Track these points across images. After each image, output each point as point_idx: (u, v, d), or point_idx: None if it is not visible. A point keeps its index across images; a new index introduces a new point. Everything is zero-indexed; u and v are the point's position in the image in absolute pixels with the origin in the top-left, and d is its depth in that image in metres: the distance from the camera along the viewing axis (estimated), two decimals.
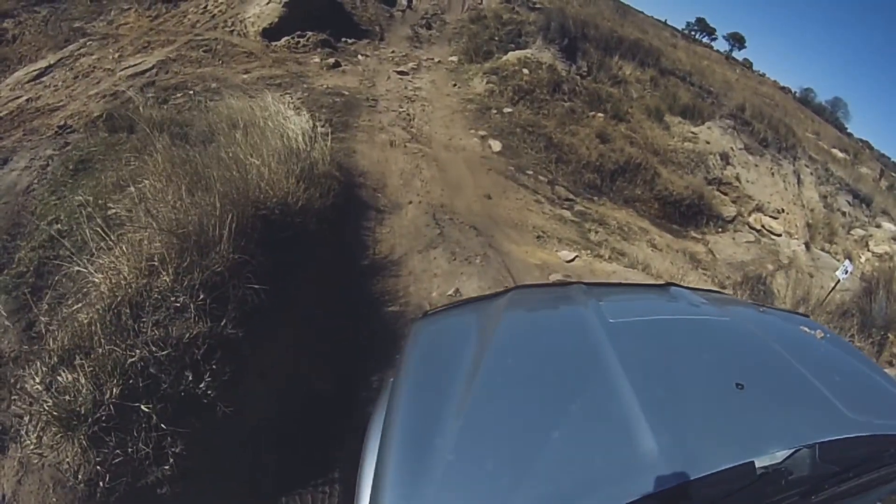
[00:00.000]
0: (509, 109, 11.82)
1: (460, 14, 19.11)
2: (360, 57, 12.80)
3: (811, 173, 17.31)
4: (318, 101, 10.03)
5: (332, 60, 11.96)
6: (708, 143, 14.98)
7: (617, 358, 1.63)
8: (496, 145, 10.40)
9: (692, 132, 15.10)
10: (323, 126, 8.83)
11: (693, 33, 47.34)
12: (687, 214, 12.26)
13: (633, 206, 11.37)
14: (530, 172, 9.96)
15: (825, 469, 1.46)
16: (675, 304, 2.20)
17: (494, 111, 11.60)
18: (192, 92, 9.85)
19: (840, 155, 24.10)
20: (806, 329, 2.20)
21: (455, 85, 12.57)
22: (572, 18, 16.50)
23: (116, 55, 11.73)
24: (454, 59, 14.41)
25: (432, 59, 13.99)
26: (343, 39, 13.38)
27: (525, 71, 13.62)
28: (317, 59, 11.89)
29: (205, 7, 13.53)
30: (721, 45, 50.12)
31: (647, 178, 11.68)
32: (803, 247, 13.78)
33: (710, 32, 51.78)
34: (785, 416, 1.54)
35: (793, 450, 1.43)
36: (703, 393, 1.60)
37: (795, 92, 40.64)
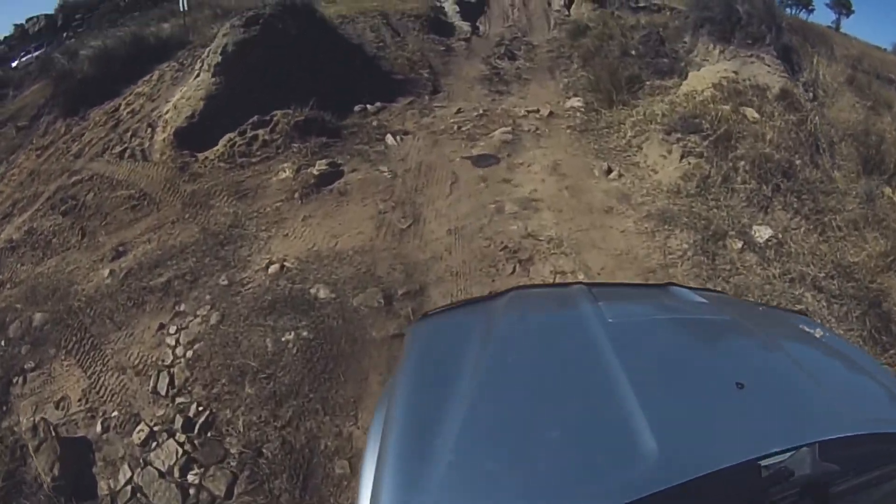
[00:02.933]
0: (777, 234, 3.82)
1: (548, 33, 11.43)
2: (389, 140, 5.42)
3: None
4: (236, 352, 2.65)
5: (321, 167, 4.76)
6: None
7: (617, 358, 1.46)
8: None
9: None
10: None
11: (787, 8, 36.49)
12: None
13: None
14: None
15: (825, 468, 1.26)
16: (675, 304, 1.96)
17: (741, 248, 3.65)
18: None
19: None
20: (805, 328, 1.96)
21: (610, 172, 4.80)
22: None
23: None
24: (577, 101, 6.81)
25: (535, 110, 6.45)
26: (357, 108, 6.04)
27: (749, 113, 5.64)
28: (286, 172, 4.76)
29: (115, 110, 6.90)
30: (822, 15, 38.51)
31: None
32: None
33: (807, 4, 40.20)
34: (785, 415, 1.40)
35: (793, 449, 1.28)
36: (703, 392, 1.45)
37: (886, 49, 29.24)
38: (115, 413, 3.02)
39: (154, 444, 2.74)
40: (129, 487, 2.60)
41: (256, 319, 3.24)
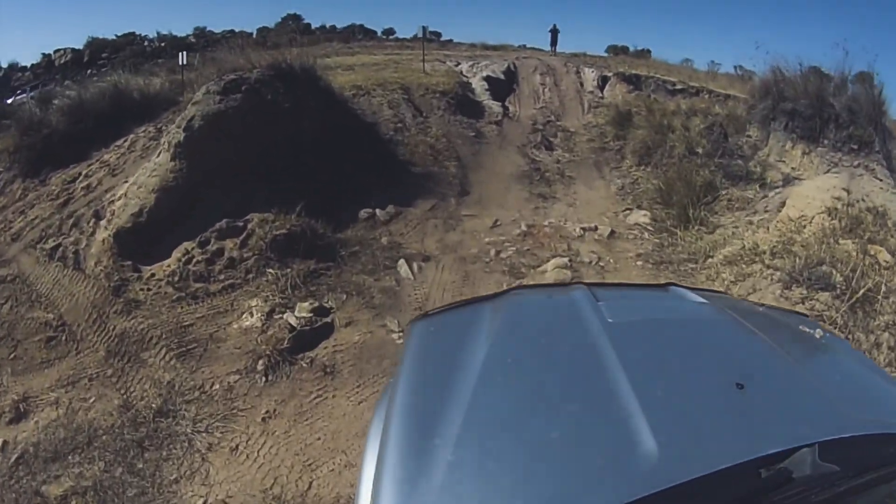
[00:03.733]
0: None
1: (582, 116, 10.10)
2: (402, 269, 3.95)
3: None
4: None
5: (301, 312, 3.21)
6: None
7: (617, 358, 1.42)
8: None
9: None
10: None
11: None
12: None
13: None
14: None
15: (825, 469, 1.23)
16: (675, 304, 1.91)
17: None
18: None
19: None
20: (805, 329, 1.92)
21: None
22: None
23: None
24: (642, 216, 5.44)
25: (592, 227, 5.08)
26: (363, 214, 4.63)
27: (881, 255, 4.19)
28: (252, 317, 3.29)
29: (73, 180, 5.61)
30: None
31: None
32: None
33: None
34: (785, 415, 1.34)
35: (793, 450, 1.22)
36: (703, 393, 1.39)
37: None
38: None
39: None
40: None
41: None
